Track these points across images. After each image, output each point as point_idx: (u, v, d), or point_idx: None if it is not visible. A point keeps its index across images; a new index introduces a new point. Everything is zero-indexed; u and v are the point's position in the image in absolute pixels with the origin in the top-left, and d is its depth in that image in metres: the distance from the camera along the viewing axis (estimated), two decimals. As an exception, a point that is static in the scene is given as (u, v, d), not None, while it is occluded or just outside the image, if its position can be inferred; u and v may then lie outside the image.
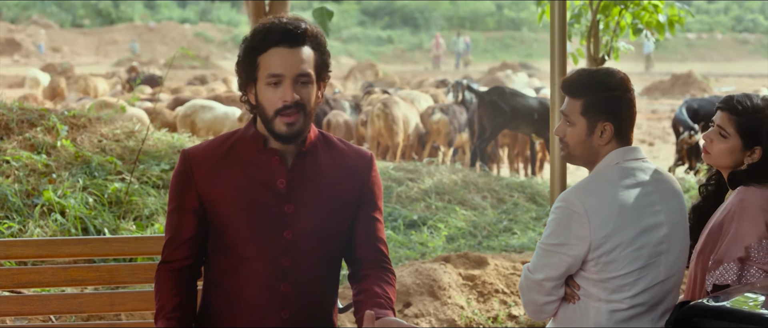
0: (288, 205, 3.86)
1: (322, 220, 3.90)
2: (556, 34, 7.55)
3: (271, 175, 3.88)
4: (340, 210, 3.95)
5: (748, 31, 68.23)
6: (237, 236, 3.88)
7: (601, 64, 11.15)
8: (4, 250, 5.63)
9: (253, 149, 3.92)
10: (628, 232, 4.14)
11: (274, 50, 3.80)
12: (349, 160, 4.01)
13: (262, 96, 3.84)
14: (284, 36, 3.80)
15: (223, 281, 3.94)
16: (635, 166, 4.25)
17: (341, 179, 3.96)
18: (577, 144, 4.30)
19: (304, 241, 3.88)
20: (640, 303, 4.19)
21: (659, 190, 4.26)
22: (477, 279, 8.29)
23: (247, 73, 3.88)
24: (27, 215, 8.36)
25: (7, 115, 9.57)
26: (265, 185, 3.88)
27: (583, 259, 4.16)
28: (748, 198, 4.41)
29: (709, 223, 4.52)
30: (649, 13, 11.18)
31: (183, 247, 3.96)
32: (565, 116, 4.31)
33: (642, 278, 4.17)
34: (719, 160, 4.55)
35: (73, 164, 9.19)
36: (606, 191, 4.17)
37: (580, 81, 4.28)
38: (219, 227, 3.91)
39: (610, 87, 4.24)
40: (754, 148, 4.49)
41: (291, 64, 3.79)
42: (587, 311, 4.23)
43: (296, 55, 3.80)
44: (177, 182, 3.97)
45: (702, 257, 4.47)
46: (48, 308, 5.53)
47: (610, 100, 4.24)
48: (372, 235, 4.03)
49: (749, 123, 4.48)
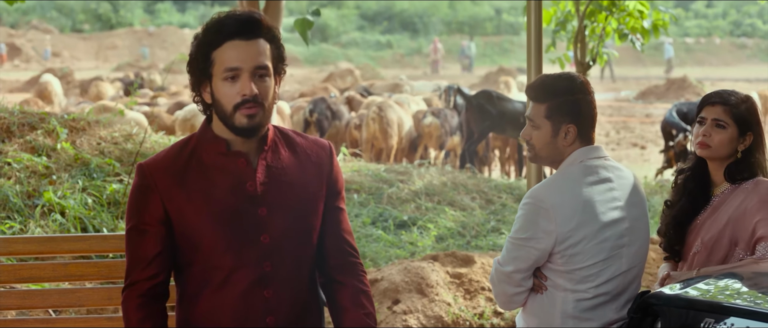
0: (261, 208, 3.72)
1: (297, 219, 3.78)
2: (532, 33, 7.68)
3: (239, 178, 3.72)
4: (312, 205, 3.83)
5: (746, 36, 68.17)
6: (212, 246, 3.70)
7: (588, 68, 11.35)
8: (6, 247, 5.82)
9: (215, 153, 3.74)
10: (592, 226, 4.37)
11: (229, 44, 3.64)
12: (310, 153, 3.88)
13: (219, 92, 3.67)
14: (239, 28, 3.64)
15: (201, 295, 3.76)
16: (598, 164, 4.49)
17: (307, 173, 3.84)
18: (543, 146, 4.53)
19: (283, 243, 3.74)
20: (604, 293, 4.42)
21: (621, 186, 4.50)
22: (464, 277, 8.47)
23: (201, 70, 3.69)
24: (28, 215, 8.43)
25: (9, 118, 9.63)
26: (235, 189, 3.72)
27: (549, 252, 4.39)
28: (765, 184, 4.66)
29: (710, 219, 4.72)
30: (634, 19, 11.38)
31: (151, 265, 3.73)
32: (530, 120, 4.54)
33: (605, 269, 4.40)
34: (720, 151, 4.73)
35: (73, 165, 9.25)
36: (570, 187, 4.41)
37: (544, 86, 4.52)
38: (191, 239, 3.72)
39: (572, 91, 4.48)
40: (747, 134, 4.73)
41: (248, 57, 3.63)
42: (554, 300, 4.45)
43: (253, 48, 3.65)
44: (136, 198, 3.75)
45: (709, 255, 4.66)
46: (48, 303, 5.73)
47: (573, 104, 4.48)
48: (337, 226, 3.92)
49: (741, 112, 4.72)
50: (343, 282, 3.91)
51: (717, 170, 4.79)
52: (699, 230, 4.73)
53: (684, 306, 3.95)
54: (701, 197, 4.82)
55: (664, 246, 4.89)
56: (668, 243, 4.85)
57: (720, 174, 4.78)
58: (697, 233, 4.74)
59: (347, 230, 3.96)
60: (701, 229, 4.72)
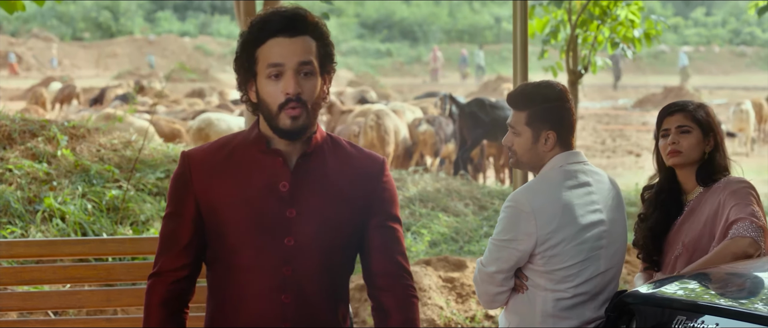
0: (290, 209, 3.59)
1: (326, 226, 3.62)
2: (519, 33, 7.78)
3: (273, 177, 3.61)
4: (347, 217, 3.66)
5: (745, 44, 68.22)
6: (236, 242, 3.60)
7: (579, 77, 11.52)
8: (8, 250, 6.02)
9: (255, 151, 3.64)
10: (571, 228, 4.54)
11: (273, 41, 3.54)
12: (358, 164, 3.72)
13: (264, 91, 3.58)
14: (283, 25, 3.54)
15: (221, 293, 3.68)
16: (577, 168, 4.66)
17: (349, 183, 3.67)
18: (524, 152, 4.70)
19: (307, 249, 3.59)
20: (583, 292, 4.59)
21: (599, 190, 4.68)
22: (456, 281, 8.62)
23: (246, 69, 3.62)
24: (29, 220, 8.56)
25: (10, 126, 9.76)
26: (267, 187, 3.60)
27: (530, 253, 4.55)
28: (736, 180, 4.85)
29: (688, 223, 4.87)
30: (625, 28, 11.53)
31: (182, 255, 3.67)
32: (511, 128, 4.70)
33: (584, 270, 4.57)
34: (691, 155, 4.88)
35: (73, 172, 9.38)
36: (551, 191, 4.57)
37: (524, 95, 4.68)
38: (218, 233, 3.64)
39: (552, 99, 4.65)
40: (710, 136, 4.90)
41: (291, 53, 3.53)
42: (535, 300, 4.61)
43: (297, 44, 3.54)
44: (175, 186, 3.70)
45: (691, 255, 4.80)
46: (49, 304, 5.90)
47: (552, 111, 4.65)
48: (388, 246, 3.73)
49: (701, 116, 4.89)
50: (389, 311, 3.74)
51: (688, 177, 4.94)
52: (678, 234, 4.88)
53: (658, 305, 4.08)
54: (674, 207, 4.97)
55: (643, 257, 5.03)
56: (646, 254, 5.00)
57: (691, 180, 4.93)
58: (677, 237, 4.88)
59: (401, 251, 3.76)
60: (680, 232, 4.87)
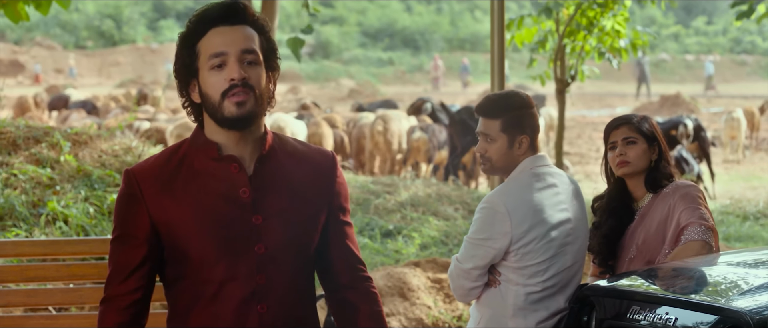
0: (255, 216, 3.42)
1: (295, 229, 3.48)
2: (495, 31, 7.94)
3: (231, 184, 3.42)
4: (312, 216, 3.53)
5: (746, 53, 68.37)
6: (202, 257, 3.40)
7: (567, 85, 11.81)
8: (13, 249, 6.30)
9: (206, 158, 3.44)
10: (542, 227, 4.87)
11: (213, 31, 3.40)
12: (311, 161, 3.58)
13: (206, 83, 3.40)
14: (222, 13, 3.40)
15: (192, 311, 3.46)
16: (545, 171, 4.99)
17: (307, 181, 3.54)
18: (499, 157, 5.01)
19: (278, 254, 3.44)
20: (551, 286, 4.91)
21: (565, 191, 5.01)
22: (444, 282, 8.90)
23: (187, 66, 3.44)
24: (33, 223, 8.74)
25: (15, 132, 9.95)
26: (227, 196, 3.41)
27: (505, 250, 4.87)
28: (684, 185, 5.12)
29: (640, 227, 5.15)
30: (611, 38, 11.82)
31: (132, 278, 3.44)
32: (485, 136, 5.02)
33: (553, 265, 4.90)
34: (638, 164, 5.14)
35: (75, 177, 9.55)
36: (523, 193, 4.90)
37: (496, 104, 5.00)
38: (180, 250, 3.42)
39: (522, 106, 4.98)
40: (654, 145, 5.19)
41: (233, 41, 3.37)
42: (507, 293, 4.93)
43: (238, 32, 3.39)
44: (122, 206, 3.46)
45: (645, 256, 5.09)
46: (52, 300, 6.18)
47: (524, 117, 4.97)
48: (344, 240, 3.66)
49: (645, 127, 5.19)
50: (357, 305, 3.67)
51: (637, 185, 5.21)
52: (632, 238, 5.16)
53: (615, 296, 4.42)
54: (626, 214, 5.24)
55: (598, 262, 5.31)
56: (602, 259, 5.27)
57: (640, 188, 5.20)
58: (630, 241, 5.16)
59: (354, 244, 3.71)
60: (634, 237, 5.15)
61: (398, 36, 69.27)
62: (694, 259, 4.72)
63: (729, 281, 4.36)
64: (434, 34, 69.09)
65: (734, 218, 14.15)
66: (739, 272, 4.53)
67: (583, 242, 5.06)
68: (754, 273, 4.44)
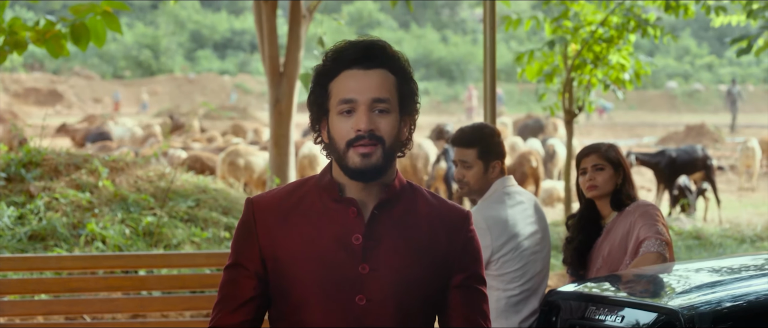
0: (362, 265, 3.19)
1: (402, 284, 3.21)
2: (488, 34, 8.28)
3: (345, 228, 3.21)
4: (427, 274, 3.25)
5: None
6: (302, 299, 3.20)
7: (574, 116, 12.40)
8: (57, 263, 6.99)
9: (326, 198, 3.25)
10: (517, 239, 5.58)
11: (346, 73, 3.18)
12: (440, 215, 3.31)
13: (334, 127, 3.20)
14: (357, 55, 3.19)
15: None
16: (514, 190, 5.71)
17: (430, 236, 3.27)
18: (476, 181, 5.71)
19: (379, 308, 3.20)
20: (527, 289, 5.62)
21: (532, 207, 5.74)
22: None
23: (319, 105, 3.24)
24: (73, 243, 9.25)
25: (56, 159, 10.46)
26: (339, 239, 3.20)
27: (487, 261, 5.54)
28: (644, 204, 5.72)
29: (606, 241, 5.75)
30: (616, 71, 12.38)
31: (241, 311, 3.27)
32: (463, 163, 5.69)
33: (527, 271, 5.61)
34: (605, 188, 5.75)
35: (113, 201, 10.07)
36: (499, 210, 5.59)
37: (472, 135, 5.68)
38: (282, 289, 3.24)
39: (492, 135, 5.70)
40: (619, 170, 5.79)
41: (365, 88, 3.16)
42: (490, 298, 5.53)
43: (372, 78, 3.17)
44: (239, 234, 3.31)
45: (610, 266, 5.68)
46: (92, 309, 6.83)
47: (495, 145, 5.70)
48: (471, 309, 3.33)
49: (612, 155, 5.80)
50: None
51: (604, 205, 5.82)
52: (599, 251, 5.75)
53: (578, 299, 5.00)
54: (594, 230, 5.85)
55: (570, 272, 5.93)
56: (573, 269, 5.89)
57: (607, 207, 5.80)
58: (597, 254, 5.76)
59: (483, 316, 3.37)
60: (600, 250, 5.74)
61: (434, 66, 69.18)
62: (650, 267, 5.35)
63: (672, 285, 4.98)
64: (470, 65, 69.06)
65: (731, 240, 14.50)
66: (683, 277, 5.14)
67: (548, 250, 5.77)
68: (695, 278, 5.05)
